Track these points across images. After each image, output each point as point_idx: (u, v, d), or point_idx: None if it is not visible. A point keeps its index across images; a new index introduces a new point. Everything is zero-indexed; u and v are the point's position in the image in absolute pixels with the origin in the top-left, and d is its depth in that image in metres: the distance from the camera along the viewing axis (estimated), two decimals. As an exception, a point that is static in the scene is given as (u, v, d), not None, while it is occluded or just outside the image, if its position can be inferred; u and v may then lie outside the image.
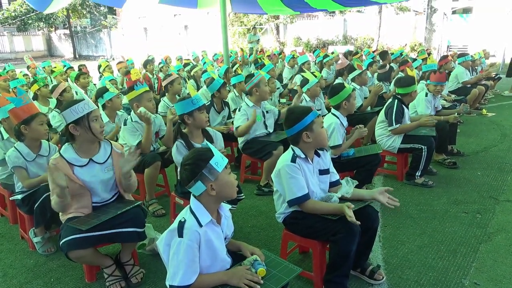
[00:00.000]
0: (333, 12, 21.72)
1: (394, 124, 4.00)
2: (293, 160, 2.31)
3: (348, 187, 2.40)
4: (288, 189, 2.29)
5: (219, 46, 14.59)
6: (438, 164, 4.58)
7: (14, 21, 27.35)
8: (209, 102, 4.65)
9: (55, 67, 7.68)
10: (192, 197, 1.84)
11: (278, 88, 6.13)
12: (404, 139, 4.06)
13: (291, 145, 2.43)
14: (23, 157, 2.89)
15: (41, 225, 2.91)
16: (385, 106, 4.21)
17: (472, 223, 3.22)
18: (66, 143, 2.45)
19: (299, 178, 2.28)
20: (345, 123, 3.60)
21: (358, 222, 2.09)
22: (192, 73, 7.43)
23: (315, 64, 9.10)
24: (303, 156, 2.36)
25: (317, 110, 4.83)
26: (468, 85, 7.13)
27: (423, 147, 3.95)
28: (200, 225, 1.76)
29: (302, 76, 5.31)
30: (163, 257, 1.77)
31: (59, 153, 2.39)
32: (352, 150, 3.64)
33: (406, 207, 3.55)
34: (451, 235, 3.03)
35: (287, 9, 7.58)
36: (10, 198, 3.03)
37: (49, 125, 4.01)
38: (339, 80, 6.14)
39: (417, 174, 4.02)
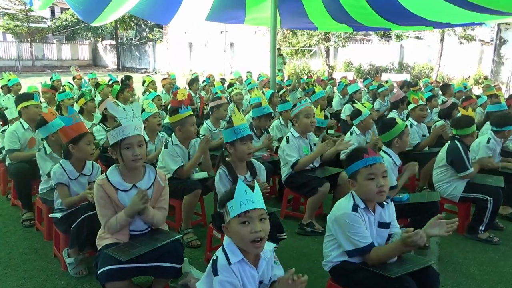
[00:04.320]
0: (389, 37, 21.61)
1: (469, 167, 3.85)
2: (354, 209, 2.27)
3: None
4: (349, 238, 2.25)
5: (265, 67, 14.83)
6: (506, 219, 4.32)
7: (65, 30, 29.40)
8: (249, 126, 4.69)
9: (100, 81, 8.10)
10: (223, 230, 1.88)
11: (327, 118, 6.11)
12: (467, 187, 3.89)
13: (351, 191, 2.39)
14: (67, 175, 3.05)
15: (75, 246, 3.01)
16: (446, 149, 4.06)
17: (545, 293, 2.99)
18: (113, 165, 2.56)
19: (362, 227, 2.24)
20: (398, 161, 3.51)
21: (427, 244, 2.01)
22: (231, 95, 7.56)
23: (367, 93, 9.03)
24: (363, 206, 2.31)
25: (368, 143, 4.77)
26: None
27: (489, 198, 3.76)
28: (229, 263, 1.77)
29: (353, 106, 5.29)
30: None
31: (106, 174, 2.50)
32: (406, 195, 3.53)
33: (466, 265, 3.37)
34: (520, 305, 2.83)
35: (338, 25, 7.50)
36: (50, 215, 3.18)
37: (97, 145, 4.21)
38: (393, 114, 6.03)
39: (480, 228, 3.81)
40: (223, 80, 11.78)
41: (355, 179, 2.32)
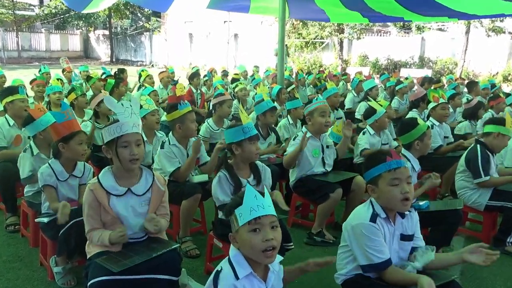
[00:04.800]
0: (409, 28, 21.56)
1: (482, 175, 3.83)
2: (373, 219, 2.25)
3: (429, 253, 2.31)
4: (364, 252, 2.24)
5: (272, 61, 14.85)
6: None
7: (54, 18, 29.58)
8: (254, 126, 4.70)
9: (92, 74, 8.15)
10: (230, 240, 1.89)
11: (339, 118, 6.11)
12: (493, 195, 3.87)
13: (371, 199, 2.38)
14: (55, 176, 3.07)
15: (63, 254, 3.03)
16: (465, 153, 4.06)
17: None
18: (106, 168, 2.56)
19: (380, 240, 2.23)
20: (417, 166, 3.51)
21: None
22: (236, 91, 7.59)
23: (384, 90, 9.02)
24: (383, 215, 2.29)
25: (384, 144, 4.77)
26: None
27: (517, 207, 3.75)
28: (237, 277, 1.77)
29: (368, 104, 5.29)
30: None
31: (98, 178, 2.51)
32: (426, 202, 3.52)
33: (492, 281, 3.35)
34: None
35: (352, 14, 7.42)
36: (36, 220, 3.20)
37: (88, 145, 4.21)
38: (413, 114, 6.02)
39: (508, 240, 3.79)
40: (225, 73, 11.79)
41: (376, 185, 2.30)
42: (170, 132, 3.87)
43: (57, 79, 7.42)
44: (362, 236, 2.24)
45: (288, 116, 5.41)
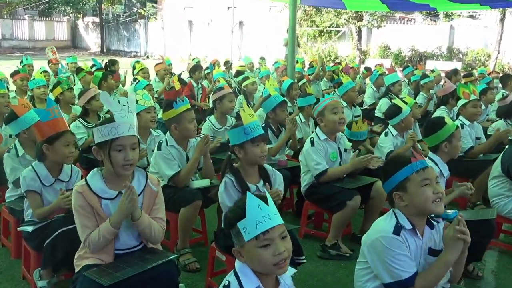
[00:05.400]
0: (436, 15, 21.50)
1: None
2: (397, 231, 2.25)
3: None
4: (388, 268, 2.23)
5: (281, 52, 14.83)
6: None
7: (38, 3, 29.74)
8: (264, 124, 4.72)
9: (82, 65, 8.18)
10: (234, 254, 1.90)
11: (358, 116, 6.11)
12: (532, 203, 3.85)
13: (393, 209, 2.37)
14: (40, 180, 3.09)
15: (49, 267, 3.04)
16: (501, 155, 4.03)
17: None
18: (95, 169, 2.59)
19: (405, 255, 2.22)
20: (446, 172, 3.50)
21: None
22: (242, 86, 7.60)
23: (408, 84, 8.99)
24: (409, 226, 2.29)
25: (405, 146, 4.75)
26: None
27: (559, 217, 3.73)
28: None
29: (391, 102, 5.28)
30: None
31: (86, 180, 2.53)
32: (455, 211, 3.48)
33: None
34: None
35: (371, 0, 7.35)
36: (18, 229, 3.22)
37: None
38: (441, 111, 6.00)
39: (548, 254, 3.77)
40: (228, 64, 11.76)
41: (405, 190, 2.29)
42: (168, 132, 3.88)
43: (42, 72, 7.46)
44: (384, 250, 2.23)
45: (300, 113, 5.41)
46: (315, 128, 4.27)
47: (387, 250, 2.22)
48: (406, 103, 4.80)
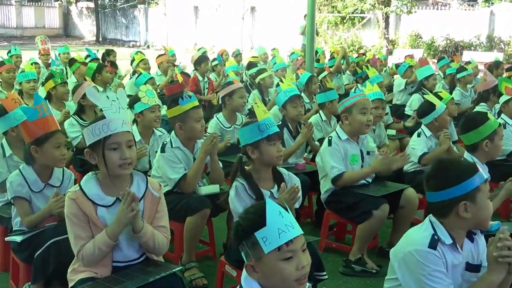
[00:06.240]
0: (475, 0, 21.33)
1: None
2: (433, 245, 2.23)
3: None
4: (421, 286, 2.21)
5: (297, 41, 14.80)
6: None
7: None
8: (281, 122, 4.74)
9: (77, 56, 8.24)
10: (244, 269, 1.88)
11: (386, 114, 6.08)
12: None
13: (430, 218, 2.35)
14: (28, 186, 3.11)
15: (40, 281, 3.05)
16: None
17: None
18: (89, 173, 2.61)
19: (442, 271, 2.20)
20: (486, 175, 3.45)
21: None
22: (257, 80, 7.58)
23: (442, 78, 8.93)
24: (449, 241, 2.27)
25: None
26: None
27: None
28: None
29: (424, 98, 5.25)
30: None
31: (79, 185, 2.55)
32: (497, 223, 3.47)
33: None
34: None
35: None
36: (6, 239, 3.25)
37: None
38: (480, 108, 5.97)
39: None
40: (237, 53, 11.63)
41: (474, 200, 2.24)
42: (172, 132, 3.90)
43: (32, 64, 7.53)
44: (418, 265, 2.21)
45: (321, 111, 5.41)
46: (336, 129, 4.24)
47: (422, 265, 2.20)
48: (441, 99, 4.77)
